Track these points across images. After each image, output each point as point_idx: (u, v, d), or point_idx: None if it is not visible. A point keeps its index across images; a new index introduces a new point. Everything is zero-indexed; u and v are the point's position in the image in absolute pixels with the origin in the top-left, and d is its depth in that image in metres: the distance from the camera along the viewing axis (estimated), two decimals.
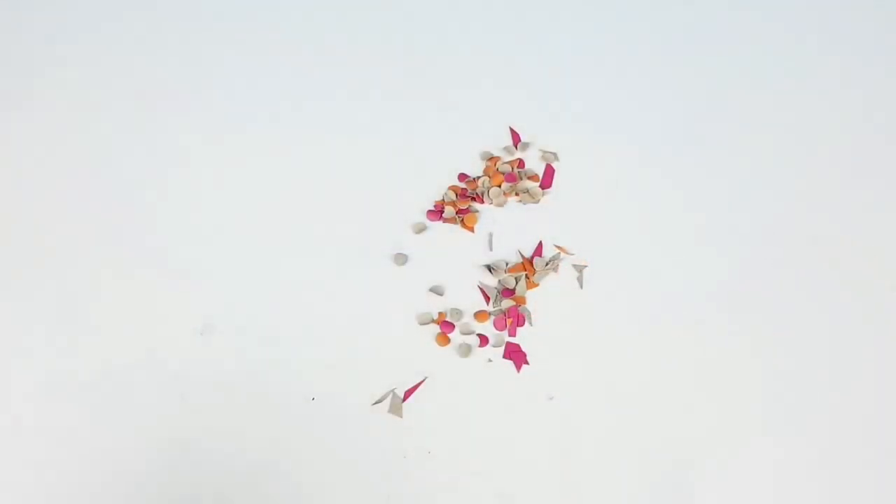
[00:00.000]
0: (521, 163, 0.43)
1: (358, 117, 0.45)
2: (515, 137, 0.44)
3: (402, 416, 0.34)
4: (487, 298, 0.38)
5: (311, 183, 0.42)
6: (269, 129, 0.44)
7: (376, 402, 0.35)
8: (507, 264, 0.39)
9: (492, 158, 0.43)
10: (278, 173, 0.42)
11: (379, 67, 0.47)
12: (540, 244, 0.39)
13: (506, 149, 0.43)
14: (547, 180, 0.42)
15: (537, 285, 0.38)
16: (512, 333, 0.37)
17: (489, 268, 0.38)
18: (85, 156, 0.43)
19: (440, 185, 0.42)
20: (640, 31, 0.49)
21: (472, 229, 0.40)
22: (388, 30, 0.49)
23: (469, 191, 0.42)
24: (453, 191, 0.41)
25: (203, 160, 0.43)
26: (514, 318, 0.37)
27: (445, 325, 0.37)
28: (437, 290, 0.38)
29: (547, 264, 0.38)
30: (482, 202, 0.41)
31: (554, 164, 0.42)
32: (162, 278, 0.38)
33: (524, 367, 0.36)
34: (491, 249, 0.40)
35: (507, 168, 0.42)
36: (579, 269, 0.39)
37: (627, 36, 0.49)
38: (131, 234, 0.40)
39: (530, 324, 0.37)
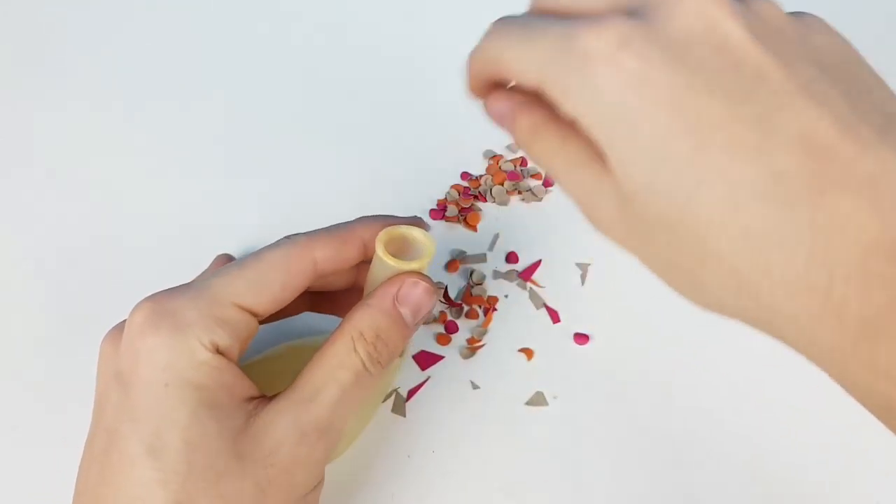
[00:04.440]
0: (524, 161, 0.42)
1: (359, 116, 0.45)
2: None
3: (405, 416, 0.34)
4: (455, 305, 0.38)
5: (311, 182, 0.42)
6: (266, 128, 0.44)
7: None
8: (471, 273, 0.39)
9: (494, 157, 0.43)
10: (275, 173, 0.42)
11: (378, 65, 0.47)
12: (538, 262, 0.39)
13: (508, 147, 0.43)
14: (551, 179, 0.42)
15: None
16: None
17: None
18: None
19: (443, 183, 0.42)
20: None
21: (474, 228, 0.40)
22: (387, 27, 0.49)
23: (472, 189, 0.41)
24: (456, 189, 0.41)
25: (201, 163, 0.43)
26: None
27: (450, 325, 0.37)
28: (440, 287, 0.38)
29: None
30: (485, 201, 0.41)
31: None
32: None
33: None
34: (491, 250, 0.40)
35: (510, 166, 0.42)
36: (583, 266, 0.39)
37: None
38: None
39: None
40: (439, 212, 0.40)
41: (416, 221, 0.30)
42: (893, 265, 0.19)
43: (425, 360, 0.36)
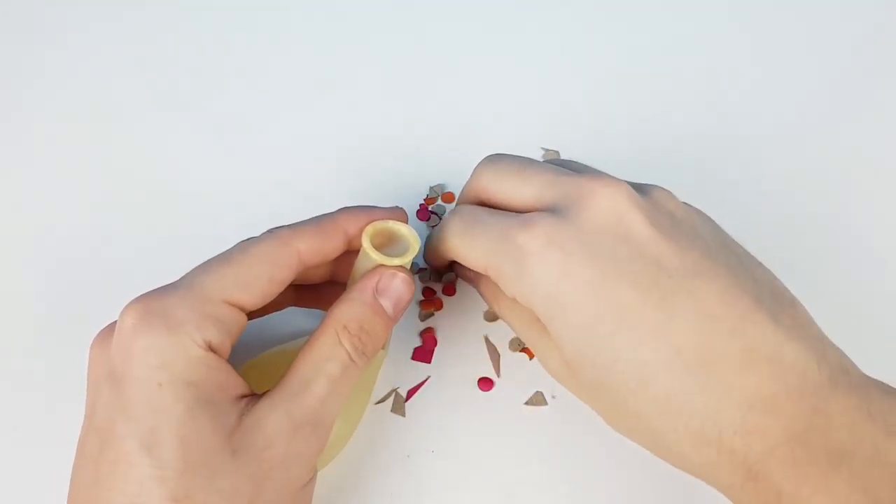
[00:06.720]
0: None
1: (356, 116, 0.44)
2: None
3: (404, 415, 0.34)
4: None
5: (306, 183, 0.42)
6: (260, 128, 0.44)
7: (379, 402, 0.35)
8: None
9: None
10: (271, 173, 0.42)
11: (374, 66, 0.47)
12: None
13: None
14: None
15: None
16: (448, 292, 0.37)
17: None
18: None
19: (434, 183, 0.42)
20: (643, 29, 0.48)
21: None
22: (383, 29, 0.48)
23: None
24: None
25: (200, 164, 0.43)
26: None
27: (427, 293, 0.37)
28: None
29: None
30: None
31: None
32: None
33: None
34: None
35: None
36: None
37: (629, 34, 0.48)
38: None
39: None
40: (426, 213, 0.40)
41: (397, 213, 0.30)
42: (768, 418, 0.23)
43: (423, 354, 0.36)
